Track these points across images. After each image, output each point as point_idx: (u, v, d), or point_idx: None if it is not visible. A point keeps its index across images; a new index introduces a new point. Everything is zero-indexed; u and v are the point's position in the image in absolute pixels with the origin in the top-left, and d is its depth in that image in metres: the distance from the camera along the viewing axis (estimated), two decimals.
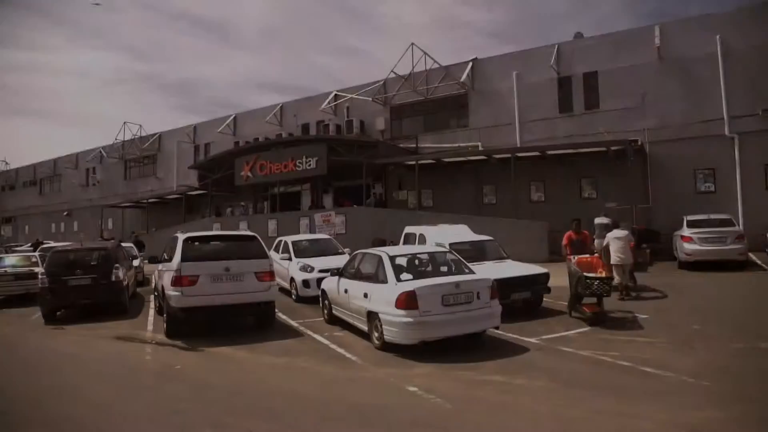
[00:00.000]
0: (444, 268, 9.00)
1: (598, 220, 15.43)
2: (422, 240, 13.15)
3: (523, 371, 6.84)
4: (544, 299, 10.99)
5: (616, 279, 11.49)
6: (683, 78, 20.28)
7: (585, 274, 9.58)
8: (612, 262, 11.64)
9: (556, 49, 22.86)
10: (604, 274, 9.79)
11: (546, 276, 10.67)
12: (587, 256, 10.28)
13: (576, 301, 9.81)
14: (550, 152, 21.22)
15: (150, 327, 11.10)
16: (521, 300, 10.33)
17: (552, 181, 22.68)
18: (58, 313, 12.59)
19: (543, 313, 10.53)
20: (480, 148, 24.10)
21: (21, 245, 33.45)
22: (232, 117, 34.87)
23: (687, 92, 20.21)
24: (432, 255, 9.39)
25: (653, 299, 11.56)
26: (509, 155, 21.22)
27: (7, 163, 54.14)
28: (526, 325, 9.42)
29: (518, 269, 10.84)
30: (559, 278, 10.81)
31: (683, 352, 7.42)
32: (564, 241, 11.84)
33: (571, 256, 10.52)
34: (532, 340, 8.47)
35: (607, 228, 13.56)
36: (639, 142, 20.08)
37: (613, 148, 19.63)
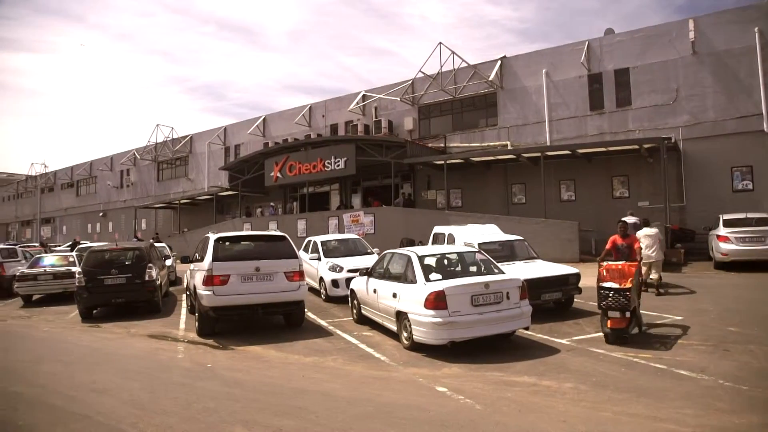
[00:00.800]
0: (473, 268, 8.95)
1: (629, 220, 15.20)
2: (451, 240, 13.09)
3: (552, 373, 6.75)
4: (575, 300, 10.85)
5: (653, 275, 12.34)
6: (719, 72, 19.76)
7: (601, 284, 8.37)
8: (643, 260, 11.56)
9: (586, 46, 22.51)
10: (627, 284, 8.15)
11: (577, 276, 10.52)
12: (620, 262, 8.75)
13: (603, 314, 8.42)
14: (580, 151, 20.90)
15: (182, 325, 11.30)
16: (552, 301, 10.21)
17: (582, 180, 22.34)
18: (95, 311, 12.91)
19: (574, 314, 10.38)
20: (509, 147, 23.89)
21: (59, 245, 34.38)
22: (261, 118, 35.24)
23: (723, 87, 19.70)
24: (461, 255, 9.34)
25: (684, 296, 11.31)
26: (538, 154, 20.97)
27: (45, 166, 55.73)
28: (556, 326, 9.31)
29: (548, 269, 10.71)
30: (590, 278, 10.61)
31: (720, 355, 7.23)
32: (607, 245, 10.17)
33: (603, 262, 8.94)
34: (563, 341, 8.36)
35: (636, 227, 13.62)
36: (672, 140, 19.63)
37: (645, 145, 19.24)
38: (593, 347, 7.89)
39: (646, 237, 12.36)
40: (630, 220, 15.36)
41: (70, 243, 31.31)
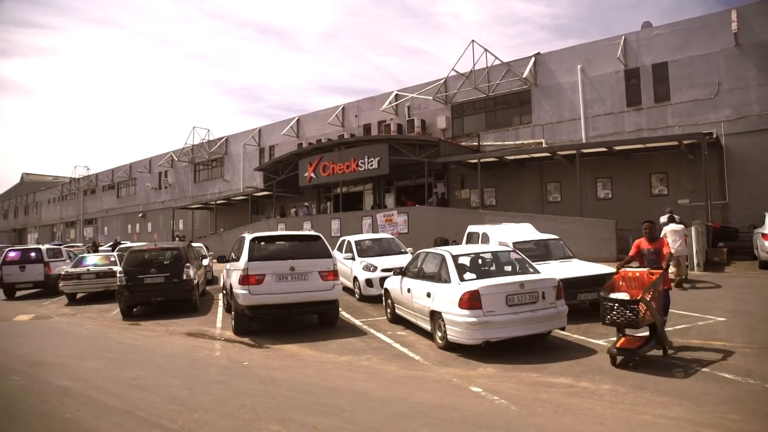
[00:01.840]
0: (508, 268, 8.87)
1: (663, 219, 15.08)
2: (485, 239, 12.99)
3: (589, 374, 6.64)
4: None
5: (672, 270, 12.29)
6: (763, 64, 19.08)
7: (608, 295, 7.22)
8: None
9: (622, 40, 22.03)
10: (639, 295, 6.97)
11: (611, 275, 10.30)
12: (639, 269, 7.54)
13: (618, 331, 7.31)
14: (617, 148, 20.48)
15: (219, 324, 11.49)
16: (588, 301, 10.03)
17: (619, 177, 21.88)
18: (135, 309, 13.24)
19: None
20: (543, 145, 23.56)
21: (101, 245, 35.36)
22: (295, 119, 35.57)
23: (767, 80, 19.03)
24: (496, 254, 9.25)
25: (728, 297, 10.96)
26: (574, 151, 20.63)
27: (88, 169, 57.42)
28: (592, 327, 9.13)
29: (585, 269, 10.52)
30: None
31: (766, 358, 7.00)
32: (631, 250, 8.48)
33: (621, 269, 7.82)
34: (600, 342, 8.20)
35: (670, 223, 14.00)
36: (714, 135, 19.05)
37: (685, 141, 18.74)
38: None
39: (672, 233, 13.01)
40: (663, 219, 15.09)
41: (111, 243, 32.21)
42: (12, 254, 18.79)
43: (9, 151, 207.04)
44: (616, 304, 6.96)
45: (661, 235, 13.17)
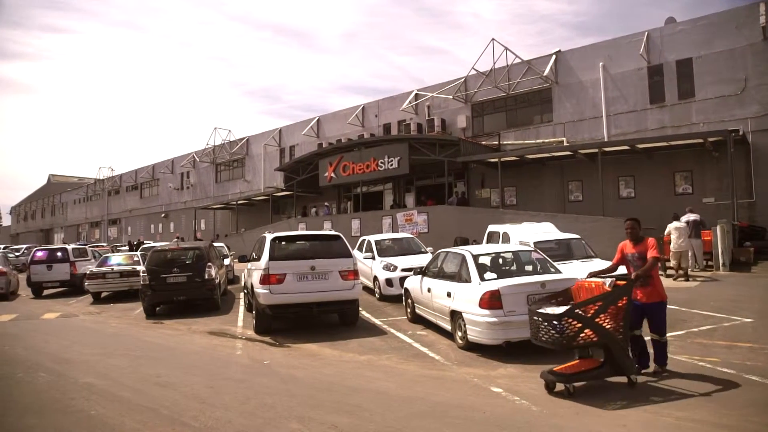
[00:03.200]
0: (529, 268, 8.80)
1: (689, 217, 14.96)
2: (506, 238, 12.91)
3: None
4: None
5: (673, 263, 13.95)
6: None
7: (538, 310, 6.04)
8: (672, 249, 13.92)
9: (645, 37, 21.72)
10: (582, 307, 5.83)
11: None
12: (596, 280, 6.32)
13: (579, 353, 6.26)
14: (640, 146, 20.18)
15: (240, 323, 11.59)
16: None
17: (642, 176, 21.57)
18: (158, 308, 13.41)
19: None
20: (565, 144, 23.33)
21: (125, 245, 35.92)
22: (315, 119, 35.71)
23: None
24: (516, 254, 9.19)
25: (757, 299, 10.74)
26: (596, 150, 20.37)
27: (112, 170, 58.33)
28: None
29: None
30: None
31: None
32: (616, 256, 7.01)
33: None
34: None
35: (697, 225, 14.69)
36: (740, 132, 18.66)
37: (710, 139, 18.40)
38: None
39: (676, 230, 13.95)
40: (691, 217, 14.88)
41: (135, 243, 32.73)
42: (39, 254, 19.20)
43: (37, 153, 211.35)
44: (541, 319, 5.93)
45: (665, 233, 14.22)
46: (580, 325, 5.73)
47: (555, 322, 5.75)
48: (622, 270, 6.80)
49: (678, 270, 13.96)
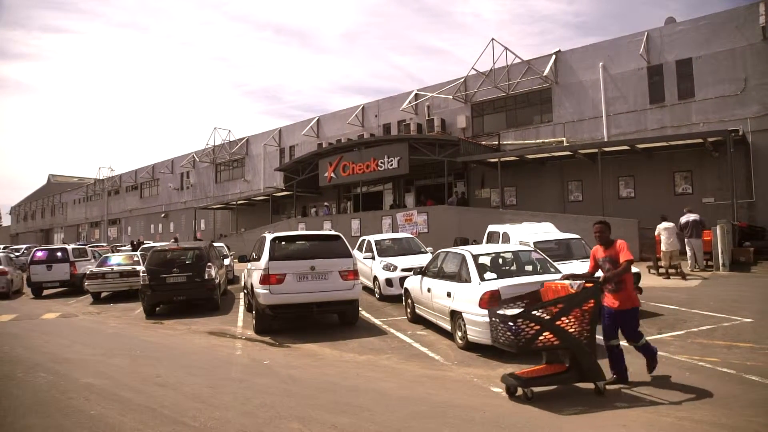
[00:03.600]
0: (529, 268, 8.80)
1: (688, 218, 14.98)
2: (506, 238, 12.90)
3: (611, 375, 6.53)
4: None
5: (664, 262, 14.43)
6: None
7: (497, 311, 5.93)
8: (662, 249, 14.51)
9: (645, 37, 21.72)
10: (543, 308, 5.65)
11: (637, 276, 10.16)
12: (563, 282, 6.09)
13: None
14: (639, 146, 20.22)
15: (240, 323, 11.59)
16: None
17: (642, 176, 21.59)
18: (158, 308, 13.40)
19: None
20: (565, 144, 23.35)
21: (124, 245, 35.91)
22: (315, 119, 35.72)
23: None
24: (516, 254, 9.19)
25: (758, 299, 10.74)
26: (595, 150, 20.39)
27: (112, 170, 58.36)
28: None
29: None
30: (650, 279, 10.30)
31: None
32: (590, 262, 6.56)
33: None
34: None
35: (697, 225, 14.90)
36: (740, 132, 18.67)
37: (710, 139, 18.41)
38: None
39: (665, 230, 14.48)
40: (690, 217, 14.89)
41: (131, 243, 32.75)
42: (39, 254, 19.19)
43: (37, 153, 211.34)
44: (498, 320, 5.77)
45: (656, 234, 14.84)
46: (538, 327, 5.55)
47: (510, 324, 5.57)
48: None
49: (668, 269, 14.28)
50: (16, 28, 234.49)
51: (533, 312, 5.62)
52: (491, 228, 14.42)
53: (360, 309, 10.96)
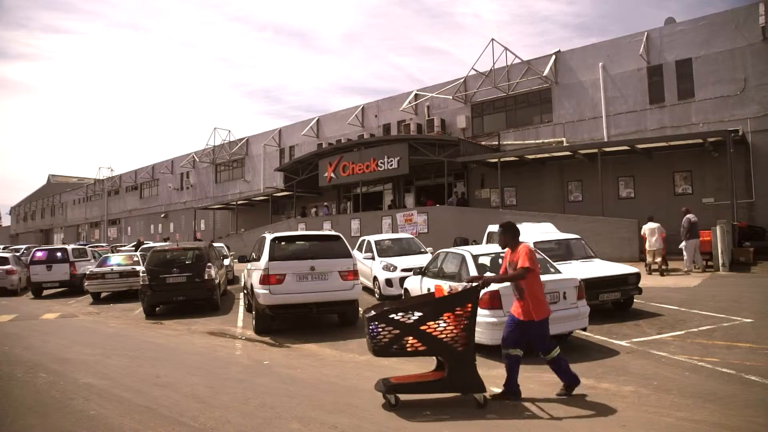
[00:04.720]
0: None
1: (690, 218, 15.00)
2: None
3: (611, 375, 6.56)
4: (635, 301, 10.49)
5: (648, 259, 15.05)
6: None
7: (367, 314, 5.66)
8: (647, 248, 14.97)
9: (645, 37, 21.73)
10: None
11: (637, 276, 10.17)
12: (453, 284, 5.98)
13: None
14: (639, 146, 20.22)
15: (240, 323, 11.59)
16: (610, 301, 9.91)
17: (642, 176, 21.60)
18: (157, 308, 13.41)
19: (633, 315, 10.03)
20: (564, 144, 23.35)
21: (124, 245, 35.92)
22: (315, 120, 35.71)
23: None
24: None
25: (758, 298, 10.75)
26: (595, 150, 20.39)
27: (112, 170, 58.37)
28: (615, 328, 9.04)
29: (607, 269, 10.38)
30: (650, 279, 10.30)
31: None
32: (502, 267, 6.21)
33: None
34: (622, 342, 8.10)
35: (693, 225, 14.98)
36: (740, 132, 18.67)
37: (710, 139, 18.42)
38: (654, 350, 7.61)
39: (650, 230, 14.86)
40: (691, 218, 14.88)
41: (134, 243, 32.70)
42: (39, 254, 19.21)
43: (37, 153, 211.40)
44: (366, 322, 5.55)
45: (642, 233, 15.37)
46: (397, 331, 5.30)
47: (370, 326, 5.36)
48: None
49: (652, 265, 14.93)
50: (17, 28, 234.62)
51: (391, 315, 5.33)
52: (491, 228, 14.41)
53: (360, 309, 10.96)
